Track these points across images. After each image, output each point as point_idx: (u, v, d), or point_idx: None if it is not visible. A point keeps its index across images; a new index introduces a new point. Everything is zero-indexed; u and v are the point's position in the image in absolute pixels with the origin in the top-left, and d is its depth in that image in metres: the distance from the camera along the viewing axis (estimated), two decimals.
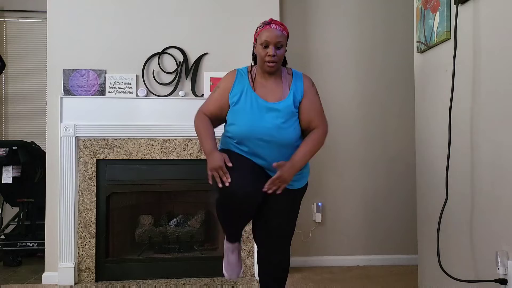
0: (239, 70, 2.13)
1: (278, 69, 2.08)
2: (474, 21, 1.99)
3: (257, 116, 2.00)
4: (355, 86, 3.65)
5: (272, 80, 2.08)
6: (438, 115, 2.31)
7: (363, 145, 3.64)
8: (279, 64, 2.05)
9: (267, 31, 2.01)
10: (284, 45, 2.05)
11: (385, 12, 3.68)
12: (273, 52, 1.99)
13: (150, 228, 3.38)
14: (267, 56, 2.00)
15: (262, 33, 2.03)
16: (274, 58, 2.00)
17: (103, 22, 3.24)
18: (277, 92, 2.06)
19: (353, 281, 3.18)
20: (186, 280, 3.18)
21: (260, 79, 2.09)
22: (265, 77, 2.09)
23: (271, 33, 2.00)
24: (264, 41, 2.00)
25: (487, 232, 1.90)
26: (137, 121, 3.18)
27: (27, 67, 4.22)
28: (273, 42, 1.99)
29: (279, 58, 2.03)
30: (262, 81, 2.08)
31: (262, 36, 2.01)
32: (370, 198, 3.63)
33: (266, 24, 2.04)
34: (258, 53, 2.05)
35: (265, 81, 2.08)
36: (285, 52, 2.07)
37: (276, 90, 2.07)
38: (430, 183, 2.41)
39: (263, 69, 2.06)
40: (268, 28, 2.02)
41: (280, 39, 2.01)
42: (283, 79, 2.09)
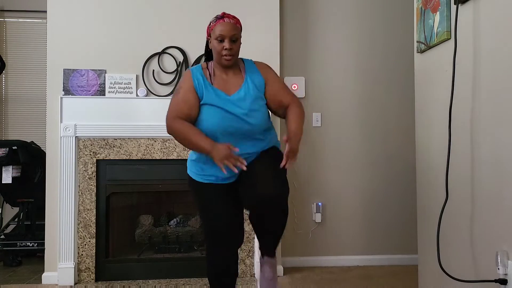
0: (192, 69, 2.12)
1: (235, 62, 2.09)
2: (474, 21, 1.99)
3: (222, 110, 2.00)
4: (355, 86, 3.64)
5: (231, 73, 2.10)
6: (438, 115, 2.31)
7: (363, 145, 3.64)
8: (236, 57, 2.06)
9: (221, 25, 2.01)
10: (239, 37, 2.06)
11: (385, 12, 3.68)
12: (229, 46, 2.00)
13: (150, 228, 3.38)
14: (224, 50, 2.00)
15: (216, 27, 2.02)
16: (231, 51, 2.00)
17: (103, 22, 3.24)
18: (236, 82, 2.08)
19: (353, 281, 3.17)
20: (186, 280, 3.18)
21: (219, 73, 2.10)
22: (224, 71, 2.09)
23: (225, 27, 2.01)
24: (219, 35, 2.00)
25: (487, 232, 1.90)
26: (137, 121, 3.18)
27: (27, 67, 4.22)
28: (228, 35, 2.00)
29: (236, 51, 2.04)
30: (222, 75, 2.09)
31: (216, 31, 2.02)
32: (370, 198, 3.63)
33: (219, 18, 2.05)
34: (213, 48, 2.04)
35: (225, 75, 2.09)
36: (240, 45, 2.07)
37: (236, 81, 2.08)
38: (430, 183, 2.41)
39: (221, 63, 2.06)
40: (222, 22, 2.02)
41: (235, 32, 2.02)
42: (241, 70, 2.11)
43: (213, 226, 2.12)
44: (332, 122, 3.62)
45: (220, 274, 2.19)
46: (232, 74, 2.10)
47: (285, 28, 3.57)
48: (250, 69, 2.12)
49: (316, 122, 3.59)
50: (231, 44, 2.00)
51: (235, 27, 2.03)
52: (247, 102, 2.03)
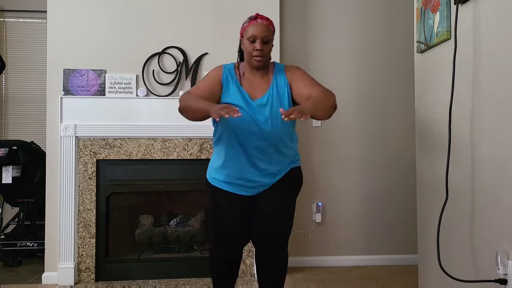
0: (225, 65, 2.12)
1: (265, 64, 2.07)
2: (474, 21, 1.99)
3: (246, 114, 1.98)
4: (355, 86, 3.65)
5: (259, 75, 2.08)
6: (438, 115, 2.31)
7: (363, 145, 3.64)
8: (266, 59, 2.04)
9: (254, 26, 2.00)
10: (271, 39, 2.04)
11: (385, 12, 3.68)
12: (260, 47, 1.98)
13: (150, 228, 3.38)
14: (255, 50, 1.99)
15: (248, 28, 2.02)
16: (261, 52, 1.99)
17: (103, 22, 3.24)
18: (263, 87, 2.06)
19: (353, 281, 3.18)
20: (186, 280, 3.18)
21: (248, 74, 2.09)
22: (252, 73, 2.08)
23: (258, 28, 1.99)
24: (251, 36, 1.99)
25: (487, 232, 1.90)
26: (137, 121, 3.18)
27: (27, 67, 4.21)
28: (260, 36, 1.99)
29: (267, 52, 2.02)
30: (250, 77, 2.08)
31: (248, 31, 2.01)
32: (370, 198, 3.63)
33: (252, 19, 2.04)
34: (245, 48, 2.04)
35: (252, 76, 2.08)
36: (272, 47, 2.06)
37: (262, 85, 2.06)
38: (430, 183, 2.41)
39: (251, 64, 2.05)
40: (255, 23, 2.01)
41: (267, 33, 2.00)
42: (270, 74, 2.09)
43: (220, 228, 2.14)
44: (332, 122, 3.61)
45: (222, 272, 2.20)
46: (260, 77, 2.08)
47: (285, 28, 3.57)
48: (278, 72, 2.10)
49: (316, 122, 3.59)
50: (263, 45, 1.99)
51: (268, 29, 2.02)
52: (270, 107, 2.01)
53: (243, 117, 1.92)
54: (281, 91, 2.05)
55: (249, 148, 2.03)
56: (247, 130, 2.00)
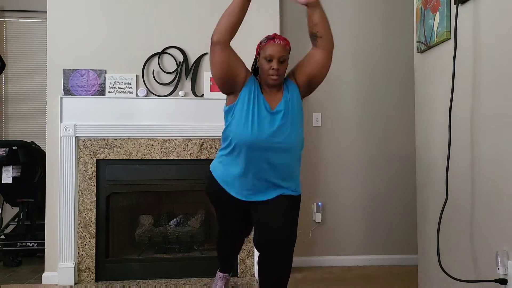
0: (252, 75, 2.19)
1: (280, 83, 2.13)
2: (474, 21, 1.99)
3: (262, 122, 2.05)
4: (355, 86, 3.65)
5: (275, 91, 2.15)
6: (438, 115, 2.31)
7: (363, 145, 3.64)
8: (281, 78, 2.11)
9: (272, 46, 2.07)
10: (287, 59, 2.12)
11: (385, 12, 3.68)
12: (277, 66, 2.05)
13: (150, 228, 3.38)
14: (271, 69, 2.05)
15: (266, 47, 2.08)
16: (278, 71, 2.05)
17: (103, 22, 3.24)
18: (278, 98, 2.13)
19: (353, 281, 3.18)
20: (186, 280, 3.18)
21: (264, 88, 2.15)
22: (269, 88, 2.14)
23: (276, 48, 2.07)
24: (269, 55, 2.06)
25: (487, 232, 1.90)
26: (137, 121, 3.18)
27: (27, 67, 4.22)
28: (277, 56, 2.06)
29: (282, 71, 2.09)
30: (267, 90, 2.15)
31: (266, 51, 2.07)
32: (370, 198, 3.63)
33: (270, 38, 2.11)
34: (261, 67, 2.10)
35: (269, 91, 2.15)
36: (287, 66, 2.13)
37: (277, 97, 2.13)
38: (430, 183, 2.41)
39: (266, 82, 2.11)
40: (272, 43, 2.08)
41: (284, 53, 2.08)
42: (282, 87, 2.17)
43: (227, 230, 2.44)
44: (332, 122, 3.63)
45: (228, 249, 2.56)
46: (275, 92, 2.15)
47: (285, 28, 3.57)
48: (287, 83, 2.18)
49: (316, 122, 3.59)
50: (279, 65, 2.06)
51: (285, 49, 2.10)
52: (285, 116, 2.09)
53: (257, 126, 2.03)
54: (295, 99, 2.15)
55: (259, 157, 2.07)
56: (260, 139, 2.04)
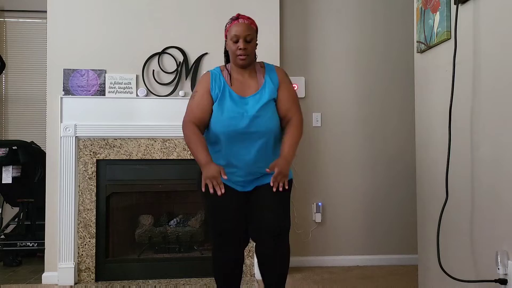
0: (211, 71, 2.19)
1: (251, 63, 2.14)
2: (474, 21, 1.99)
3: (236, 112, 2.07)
4: (355, 86, 3.65)
5: (247, 75, 2.15)
6: (438, 115, 2.31)
7: (363, 145, 3.64)
8: (251, 57, 2.11)
9: (236, 26, 2.07)
10: (254, 38, 2.11)
11: (385, 12, 3.68)
12: (243, 45, 2.05)
13: (150, 228, 3.38)
14: (238, 49, 2.06)
15: (231, 28, 2.09)
16: (245, 51, 2.06)
17: (103, 22, 3.24)
18: (253, 85, 2.14)
19: (353, 281, 3.18)
20: (186, 280, 3.18)
21: (236, 75, 2.15)
22: (240, 73, 2.15)
23: (240, 27, 2.07)
24: (234, 36, 2.06)
25: (487, 232, 1.90)
26: (137, 121, 3.18)
27: (27, 67, 4.22)
28: (242, 35, 2.06)
29: (250, 51, 2.09)
30: (239, 77, 2.15)
31: (231, 31, 2.08)
32: (370, 198, 3.63)
33: (234, 19, 2.11)
34: (229, 48, 2.11)
35: (241, 77, 2.15)
36: (256, 46, 2.13)
37: (252, 83, 2.14)
38: (430, 183, 2.41)
39: (236, 64, 2.11)
40: (236, 23, 2.08)
41: (249, 32, 2.07)
42: (257, 73, 2.16)
43: (220, 227, 2.16)
44: (332, 122, 3.62)
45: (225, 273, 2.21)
46: (248, 76, 2.15)
47: (285, 28, 3.57)
48: (269, 72, 2.17)
49: (316, 122, 3.59)
50: (246, 44, 2.06)
51: (250, 27, 2.08)
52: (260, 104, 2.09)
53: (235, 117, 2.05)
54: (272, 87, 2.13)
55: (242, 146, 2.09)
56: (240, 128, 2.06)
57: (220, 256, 2.20)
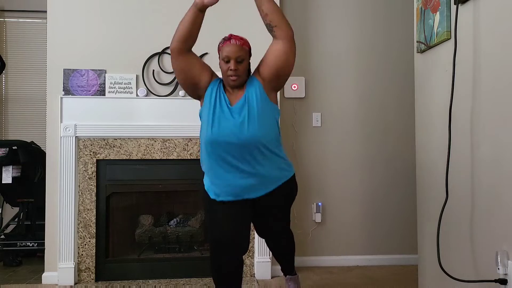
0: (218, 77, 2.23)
1: (242, 83, 2.13)
2: (474, 21, 1.99)
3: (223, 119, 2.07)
4: (355, 86, 3.65)
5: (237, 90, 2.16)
6: (438, 115, 2.31)
7: (363, 145, 3.64)
8: (242, 78, 2.11)
9: (227, 46, 2.08)
10: (246, 59, 2.11)
11: (385, 12, 3.68)
12: (234, 67, 2.06)
13: (150, 228, 3.38)
14: (229, 70, 2.07)
15: (223, 48, 2.10)
16: (236, 72, 2.06)
17: (103, 22, 3.24)
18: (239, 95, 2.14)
19: (353, 281, 3.18)
20: (186, 280, 3.18)
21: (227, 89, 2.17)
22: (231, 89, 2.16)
23: (231, 48, 2.07)
24: (226, 56, 2.08)
25: (487, 232, 1.90)
26: (137, 121, 3.18)
27: (27, 67, 4.22)
28: (233, 56, 2.06)
29: (242, 71, 2.09)
30: (229, 90, 2.16)
31: (223, 52, 2.09)
32: (370, 198, 3.63)
33: (227, 39, 2.12)
34: (221, 68, 2.12)
35: (231, 90, 2.16)
36: (248, 65, 2.13)
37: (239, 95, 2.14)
38: (430, 183, 2.41)
39: (227, 83, 2.13)
40: (228, 44, 2.09)
41: (241, 53, 2.08)
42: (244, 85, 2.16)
43: (219, 238, 2.17)
44: (332, 122, 3.62)
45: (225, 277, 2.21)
46: (238, 90, 2.16)
47: None
48: (250, 81, 2.16)
49: (316, 122, 3.59)
50: (237, 65, 2.07)
51: (241, 48, 2.09)
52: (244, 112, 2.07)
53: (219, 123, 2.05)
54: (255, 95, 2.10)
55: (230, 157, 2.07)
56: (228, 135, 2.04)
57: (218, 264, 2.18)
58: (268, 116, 2.11)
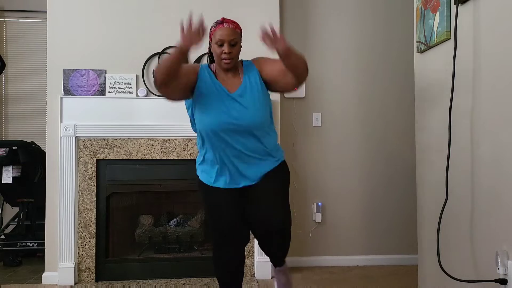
0: (201, 65, 2.23)
1: (235, 66, 2.16)
2: (474, 21, 1.99)
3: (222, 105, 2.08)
4: (355, 86, 3.65)
5: (231, 75, 2.17)
6: (438, 115, 2.31)
7: (363, 145, 3.64)
8: (235, 60, 2.13)
9: (221, 30, 2.10)
10: (239, 42, 2.13)
11: (385, 12, 3.68)
12: (228, 50, 2.08)
13: (150, 228, 3.38)
14: (223, 53, 2.08)
15: (216, 32, 2.11)
16: (230, 55, 2.08)
17: (103, 22, 3.24)
18: (236, 84, 2.15)
19: (353, 281, 3.18)
20: (186, 280, 3.18)
21: (219, 74, 2.18)
22: (224, 73, 2.17)
23: (225, 31, 2.09)
24: (219, 40, 2.09)
25: (487, 232, 1.90)
26: (137, 121, 3.18)
27: (27, 67, 4.22)
28: (227, 39, 2.08)
29: (235, 54, 2.11)
30: (223, 76, 2.17)
31: (216, 35, 2.11)
32: (370, 198, 3.63)
33: (219, 23, 2.14)
34: (214, 51, 2.13)
35: (224, 76, 2.17)
36: (240, 49, 2.15)
37: (235, 82, 2.15)
38: (430, 183, 2.41)
39: (221, 66, 2.14)
40: (221, 27, 2.11)
41: (234, 36, 2.10)
42: (240, 71, 2.18)
43: (219, 226, 2.17)
44: (332, 122, 3.62)
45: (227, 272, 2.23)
46: (232, 76, 2.17)
47: (285, 28, 3.57)
48: (247, 68, 2.19)
49: (316, 122, 3.59)
50: (230, 48, 2.08)
51: (234, 32, 2.11)
52: (246, 98, 2.10)
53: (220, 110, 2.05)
54: (254, 82, 2.14)
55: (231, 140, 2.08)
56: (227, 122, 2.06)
57: (221, 256, 2.21)
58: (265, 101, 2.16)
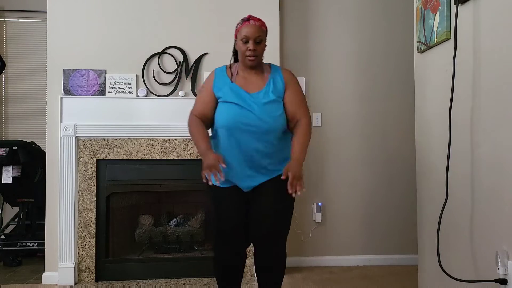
0: (217, 69, 2.24)
1: (259, 64, 2.17)
2: (474, 21, 1.99)
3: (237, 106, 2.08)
4: (355, 86, 3.65)
5: (254, 73, 2.17)
6: (438, 115, 2.31)
7: (363, 145, 3.64)
8: (259, 58, 2.14)
9: (246, 27, 2.10)
10: (264, 39, 2.14)
11: (385, 12, 3.68)
12: (253, 47, 2.08)
13: (150, 228, 3.38)
14: (248, 50, 2.09)
15: (242, 29, 2.11)
16: (254, 52, 2.09)
17: (103, 22, 3.24)
18: (258, 83, 2.15)
19: (353, 281, 3.18)
20: (186, 280, 3.18)
21: (242, 73, 2.18)
22: (247, 71, 2.18)
23: (250, 29, 2.09)
24: (244, 37, 2.09)
25: (487, 232, 1.90)
26: (137, 121, 3.18)
27: (27, 67, 4.22)
28: (252, 37, 2.08)
29: (260, 52, 2.12)
30: (245, 75, 2.17)
31: (242, 32, 2.11)
32: (370, 198, 3.63)
33: (245, 20, 2.14)
34: (239, 49, 2.14)
35: (247, 74, 2.17)
36: (265, 47, 2.15)
37: (257, 81, 2.16)
38: (430, 183, 2.41)
39: (245, 64, 2.15)
40: (247, 24, 2.11)
41: (259, 34, 2.10)
42: (264, 73, 2.19)
43: (221, 226, 2.18)
44: (332, 122, 3.63)
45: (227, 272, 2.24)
46: (255, 74, 2.17)
47: (285, 28, 3.57)
48: (275, 72, 2.19)
49: (316, 122, 3.59)
50: (255, 46, 2.09)
51: (260, 29, 2.11)
52: (265, 101, 2.10)
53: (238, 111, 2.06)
54: (279, 86, 2.14)
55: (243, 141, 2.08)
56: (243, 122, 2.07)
57: (221, 255, 2.22)
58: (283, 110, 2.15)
